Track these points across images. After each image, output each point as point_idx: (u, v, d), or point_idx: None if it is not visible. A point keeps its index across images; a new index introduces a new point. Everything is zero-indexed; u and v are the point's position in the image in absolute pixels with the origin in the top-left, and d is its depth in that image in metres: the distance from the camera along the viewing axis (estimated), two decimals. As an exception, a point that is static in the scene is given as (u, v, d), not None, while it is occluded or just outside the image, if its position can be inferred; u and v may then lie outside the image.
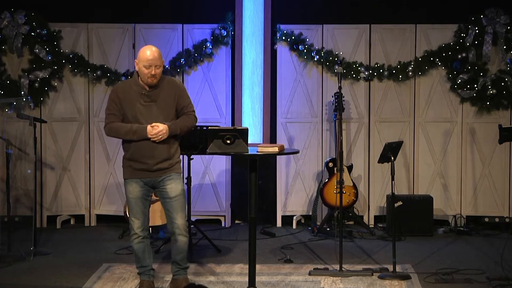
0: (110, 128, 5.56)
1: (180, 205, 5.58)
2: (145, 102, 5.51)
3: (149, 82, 5.48)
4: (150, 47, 5.52)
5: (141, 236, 5.60)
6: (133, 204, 5.58)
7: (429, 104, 8.33)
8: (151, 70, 5.44)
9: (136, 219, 5.58)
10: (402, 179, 8.35)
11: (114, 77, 8.28)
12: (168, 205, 5.59)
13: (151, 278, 5.72)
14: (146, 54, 5.45)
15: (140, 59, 5.47)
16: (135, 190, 5.56)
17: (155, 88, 5.53)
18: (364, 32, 8.34)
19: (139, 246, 5.61)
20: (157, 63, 5.46)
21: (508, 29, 8.06)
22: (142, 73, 5.48)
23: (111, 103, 5.56)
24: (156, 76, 5.47)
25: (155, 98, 5.52)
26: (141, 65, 5.46)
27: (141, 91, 5.51)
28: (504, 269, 6.19)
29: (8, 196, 6.96)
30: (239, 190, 8.44)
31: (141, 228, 5.59)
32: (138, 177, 5.55)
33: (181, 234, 5.58)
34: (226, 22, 8.27)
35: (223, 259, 6.87)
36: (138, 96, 5.51)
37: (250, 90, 8.35)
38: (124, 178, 5.63)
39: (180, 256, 5.66)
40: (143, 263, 5.67)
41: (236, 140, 5.37)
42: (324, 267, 6.46)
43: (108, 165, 8.39)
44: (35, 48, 8.11)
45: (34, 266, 6.61)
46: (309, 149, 8.41)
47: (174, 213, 5.57)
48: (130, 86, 5.55)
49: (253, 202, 5.58)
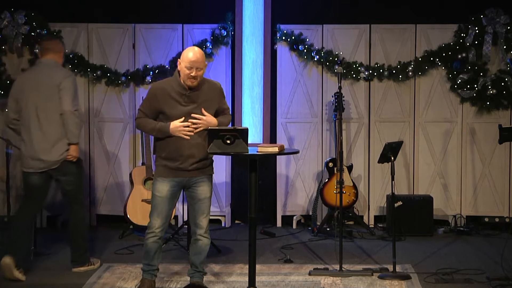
0: (138, 124, 5.62)
1: (207, 208, 5.62)
2: (185, 102, 5.50)
3: (189, 83, 5.46)
4: (193, 49, 5.51)
5: (158, 236, 5.60)
6: (159, 202, 5.56)
7: (429, 104, 8.33)
8: (192, 71, 5.42)
9: (158, 218, 5.56)
10: (402, 179, 8.35)
11: (114, 77, 8.28)
12: (196, 206, 5.60)
13: (154, 277, 5.73)
14: (189, 55, 5.44)
15: (183, 60, 5.45)
16: (164, 189, 5.55)
17: (196, 89, 5.51)
18: (364, 32, 8.34)
19: (153, 245, 5.61)
20: (199, 66, 5.44)
21: (508, 29, 8.06)
22: (183, 74, 5.46)
23: (146, 101, 5.58)
24: (196, 78, 5.45)
25: (196, 100, 5.51)
26: (183, 66, 5.44)
27: (182, 92, 5.50)
28: (504, 269, 6.19)
29: (8, 196, 6.96)
30: (239, 190, 8.44)
31: (160, 228, 5.58)
32: (171, 177, 5.54)
33: (203, 236, 5.61)
34: (226, 22, 8.27)
35: (223, 259, 6.87)
36: (178, 96, 5.50)
37: (250, 90, 8.35)
38: (155, 177, 5.61)
39: (199, 259, 5.67)
40: (151, 262, 5.67)
41: (236, 140, 5.37)
42: (324, 267, 6.46)
43: (108, 165, 8.40)
44: (35, 48, 8.11)
45: (34, 266, 6.61)
46: (309, 149, 8.41)
47: (200, 214, 5.59)
48: (171, 86, 5.52)
49: (253, 202, 5.58)
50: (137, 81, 8.31)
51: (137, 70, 8.31)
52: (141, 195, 7.76)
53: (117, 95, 8.36)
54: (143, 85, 8.31)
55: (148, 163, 7.76)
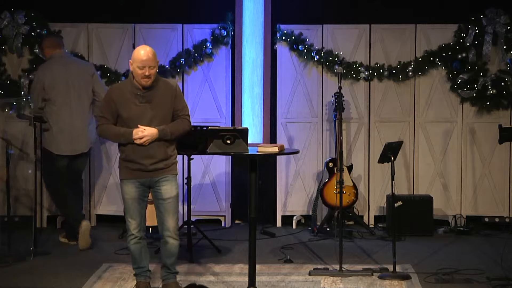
0: (101, 131, 5.55)
1: (173, 208, 5.53)
2: (140, 103, 5.45)
3: (143, 83, 5.40)
4: (144, 47, 5.45)
5: (137, 237, 5.56)
6: (130, 204, 5.54)
7: (429, 104, 8.33)
8: (145, 71, 5.36)
9: (132, 220, 5.54)
10: (402, 179, 8.35)
11: (114, 77, 8.28)
12: (160, 206, 5.54)
13: (147, 279, 5.70)
14: (140, 55, 5.36)
15: (134, 60, 5.39)
16: (131, 191, 5.53)
17: (150, 89, 5.45)
18: (364, 32, 8.34)
19: (135, 247, 5.58)
20: (151, 64, 5.37)
21: (508, 29, 8.06)
22: (136, 74, 5.39)
23: (104, 105, 5.54)
24: (150, 77, 5.39)
25: (150, 99, 5.45)
26: (135, 66, 5.38)
27: (136, 92, 5.44)
28: (504, 269, 6.19)
29: (8, 196, 6.96)
30: (239, 190, 8.44)
31: (137, 228, 5.55)
32: (134, 178, 5.51)
33: (171, 237, 5.54)
34: (226, 22, 8.27)
35: (223, 259, 6.87)
36: (133, 96, 5.44)
37: (250, 90, 8.35)
38: (120, 179, 5.60)
39: (170, 260, 5.62)
40: (140, 264, 5.64)
41: (236, 140, 5.37)
42: (324, 267, 6.46)
43: (108, 165, 8.39)
44: (35, 48, 8.12)
45: (34, 266, 6.62)
46: (309, 149, 8.41)
47: (166, 215, 5.52)
48: (125, 87, 5.49)
49: (253, 202, 5.58)
50: (137, 81, 8.30)
51: (137, 70, 8.30)
52: (141, 195, 7.75)
53: (117, 95, 8.35)
54: (143, 85, 8.30)
55: (148, 163, 7.75)
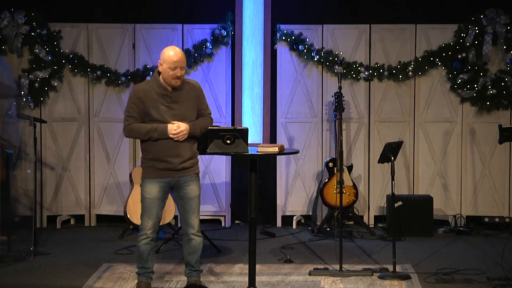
0: (130, 130, 5.47)
1: (197, 206, 5.61)
2: (167, 103, 5.46)
3: (173, 83, 5.43)
4: (174, 48, 5.47)
5: (150, 238, 5.57)
6: (149, 204, 5.52)
7: (429, 104, 8.33)
8: (176, 71, 5.39)
9: (149, 220, 5.53)
10: (402, 179, 8.35)
11: (114, 77, 8.28)
12: (186, 205, 5.59)
13: (149, 280, 5.70)
14: (172, 55, 5.39)
15: (165, 61, 5.40)
16: (153, 191, 5.51)
17: (177, 89, 5.48)
18: (364, 32, 8.34)
19: (146, 247, 5.58)
20: (182, 65, 5.41)
21: (508, 29, 8.06)
22: (167, 75, 5.41)
23: (131, 105, 5.47)
24: (180, 78, 5.42)
25: (177, 100, 5.48)
26: (166, 67, 5.40)
27: (163, 92, 5.45)
28: (504, 269, 6.19)
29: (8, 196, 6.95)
30: (239, 190, 8.44)
31: (152, 229, 5.55)
32: (160, 177, 5.50)
33: (196, 235, 5.61)
34: (226, 22, 8.27)
35: (223, 259, 6.87)
36: (160, 97, 5.45)
37: (250, 90, 8.35)
38: (143, 178, 5.56)
39: (194, 258, 5.67)
40: (145, 265, 5.65)
41: (236, 140, 5.37)
42: (324, 267, 6.46)
43: (108, 165, 8.39)
44: (35, 48, 8.11)
45: (34, 266, 6.61)
46: (309, 149, 8.41)
47: (191, 213, 5.58)
48: (151, 87, 5.48)
49: (253, 202, 5.58)
50: (137, 81, 8.29)
51: (137, 70, 8.31)
52: (141, 195, 7.75)
53: (117, 95, 8.36)
54: (143, 85, 8.30)
55: (148, 163, 7.75)
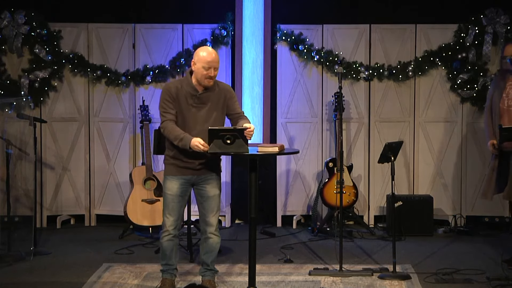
0: (165, 128, 5.47)
1: (216, 205, 5.62)
2: (195, 104, 5.48)
3: (206, 83, 5.44)
4: (207, 48, 5.50)
5: (172, 234, 5.59)
6: (170, 201, 5.55)
7: (429, 104, 8.33)
8: (210, 71, 5.40)
9: (170, 216, 5.56)
10: (402, 179, 8.35)
11: (114, 77, 8.28)
12: (205, 204, 5.60)
13: (173, 277, 5.73)
14: (206, 55, 5.41)
15: (199, 60, 5.41)
16: (174, 187, 5.55)
17: (207, 90, 5.49)
18: (364, 32, 8.34)
19: (168, 244, 5.60)
20: (216, 65, 5.43)
21: (508, 29, 8.06)
22: (200, 74, 5.42)
23: (166, 102, 5.48)
24: (213, 78, 5.44)
25: (206, 101, 5.49)
26: (200, 66, 5.40)
27: (193, 93, 5.47)
28: (504, 269, 6.19)
29: (8, 196, 6.96)
30: (239, 190, 8.44)
31: (173, 225, 5.57)
32: (180, 174, 5.54)
33: (213, 234, 5.62)
34: (226, 22, 8.27)
35: (223, 259, 6.87)
36: (189, 97, 5.47)
37: (250, 90, 8.35)
38: (164, 175, 5.60)
39: (210, 257, 5.67)
40: (169, 262, 5.66)
41: (236, 140, 5.36)
42: (324, 267, 6.46)
43: (108, 165, 8.40)
44: (35, 48, 8.12)
45: (34, 266, 6.61)
46: (309, 149, 8.41)
47: (210, 212, 5.60)
48: (181, 86, 5.49)
49: (253, 202, 5.58)
50: (137, 81, 8.31)
51: (137, 70, 8.31)
52: (141, 195, 7.75)
53: (117, 95, 8.36)
54: (143, 85, 8.31)
55: (148, 163, 7.76)
